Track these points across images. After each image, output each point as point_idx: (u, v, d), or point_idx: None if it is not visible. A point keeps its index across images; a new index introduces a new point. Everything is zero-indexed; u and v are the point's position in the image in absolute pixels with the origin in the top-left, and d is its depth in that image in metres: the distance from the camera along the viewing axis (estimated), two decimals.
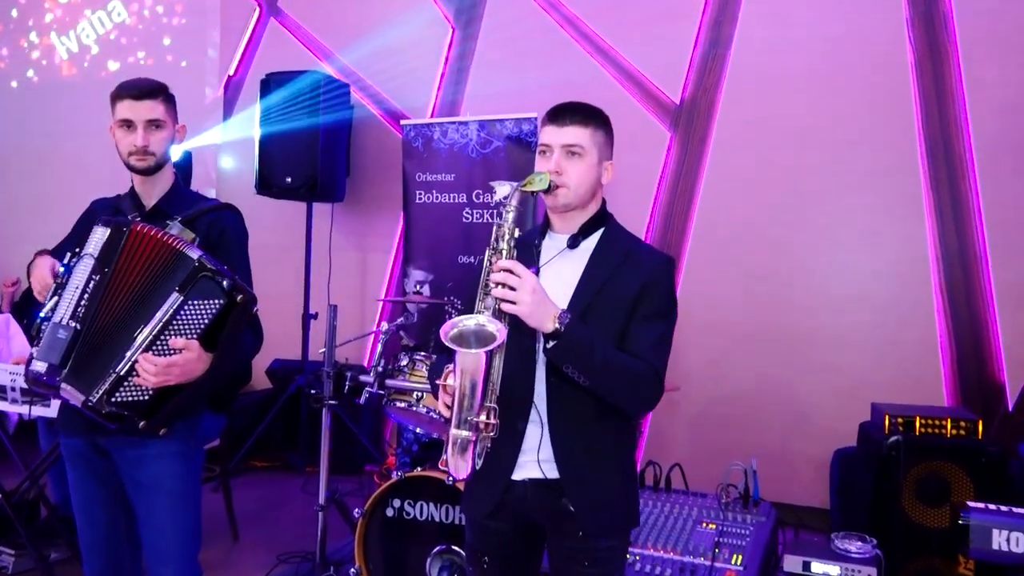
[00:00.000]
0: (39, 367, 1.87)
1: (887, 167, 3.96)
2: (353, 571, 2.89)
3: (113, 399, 1.86)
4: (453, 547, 2.76)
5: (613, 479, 1.76)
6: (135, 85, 2.08)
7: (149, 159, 2.07)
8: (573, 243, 1.77)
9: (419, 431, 3.33)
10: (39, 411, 3.02)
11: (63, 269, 1.94)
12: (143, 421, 1.90)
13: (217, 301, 1.89)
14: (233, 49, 5.55)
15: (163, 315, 1.86)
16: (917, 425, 3.20)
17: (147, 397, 1.89)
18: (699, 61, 4.32)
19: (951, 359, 3.87)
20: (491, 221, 1.70)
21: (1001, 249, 3.79)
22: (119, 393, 1.87)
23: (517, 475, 1.74)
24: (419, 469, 2.90)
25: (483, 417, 1.56)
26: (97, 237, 1.92)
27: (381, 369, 3.07)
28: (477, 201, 4.28)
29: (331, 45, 5.22)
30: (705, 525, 2.79)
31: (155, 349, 1.86)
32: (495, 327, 1.55)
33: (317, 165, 4.63)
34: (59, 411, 2.14)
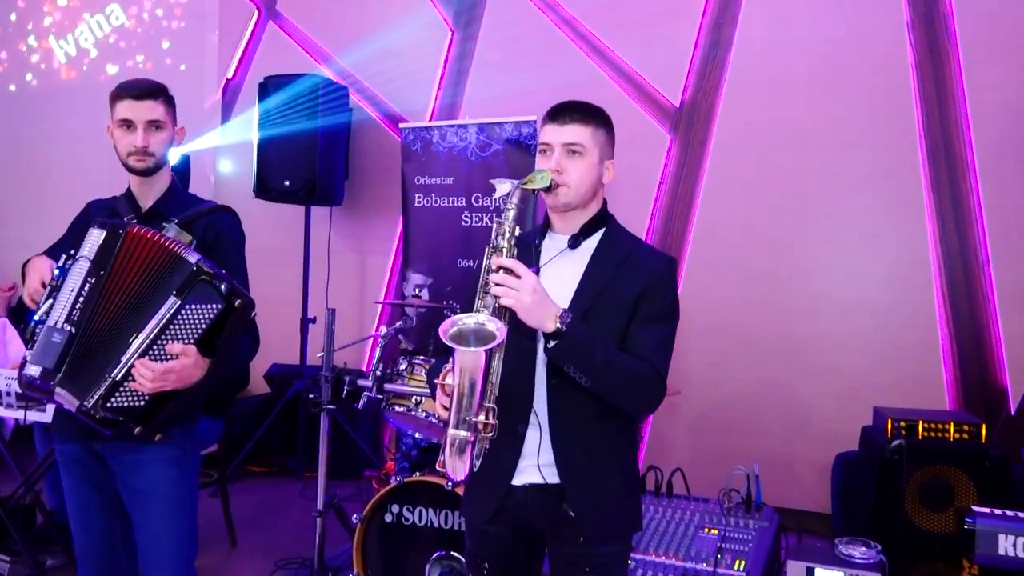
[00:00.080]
0: (33, 371, 1.84)
1: (888, 169, 3.94)
2: None
3: (108, 404, 1.84)
4: (452, 553, 2.74)
5: (614, 483, 1.74)
6: (136, 85, 2.06)
7: (148, 160, 2.05)
8: (574, 243, 1.75)
9: (418, 436, 3.31)
10: (35, 416, 2.99)
11: (58, 271, 1.91)
12: (139, 427, 1.87)
13: (215, 306, 1.86)
14: (231, 52, 5.54)
15: (160, 319, 1.84)
16: (920, 429, 3.18)
17: (143, 403, 1.86)
18: (699, 63, 4.31)
19: (953, 362, 3.85)
20: (490, 224, 1.68)
21: (1002, 251, 3.78)
22: (114, 398, 1.84)
23: (517, 480, 1.72)
24: (418, 474, 2.88)
25: (482, 417, 1.54)
26: (93, 239, 1.90)
27: (380, 373, 3.05)
28: (476, 204, 4.26)
29: (330, 48, 5.21)
30: (707, 530, 2.76)
31: (151, 354, 1.83)
32: (495, 326, 1.53)
33: (315, 168, 4.62)
34: (53, 416, 2.12)
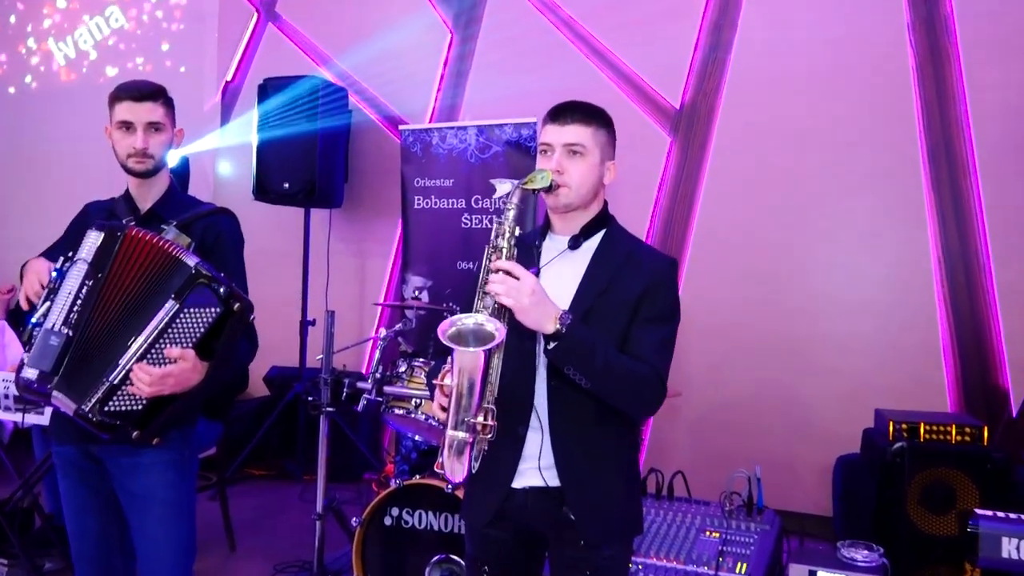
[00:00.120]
0: (30, 374, 1.83)
1: (888, 170, 3.93)
2: None
3: (106, 408, 1.82)
4: (452, 556, 2.73)
5: (615, 486, 1.73)
6: (135, 86, 2.05)
7: (148, 162, 2.04)
8: (574, 244, 1.74)
9: (418, 438, 3.30)
10: (33, 419, 2.98)
11: (55, 274, 1.90)
12: (136, 431, 1.86)
13: (214, 309, 1.85)
14: (231, 54, 5.53)
15: (158, 323, 1.82)
16: (921, 431, 3.17)
17: (140, 407, 1.85)
18: (699, 65, 4.30)
19: (954, 364, 3.84)
20: (490, 226, 1.67)
21: (1003, 251, 3.77)
22: (112, 402, 1.83)
23: (517, 483, 1.71)
24: (418, 477, 2.87)
25: (480, 418, 1.53)
26: (91, 241, 1.88)
27: (379, 376, 3.04)
28: (476, 206, 4.25)
29: (329, 50, 5.21)
30: (709, 533, 2.75)
31: (150, 358, 1.82)
32: (494, 326, 1.52)
33: (315, 170, 4.61)
34: (51, 419, 2.10)
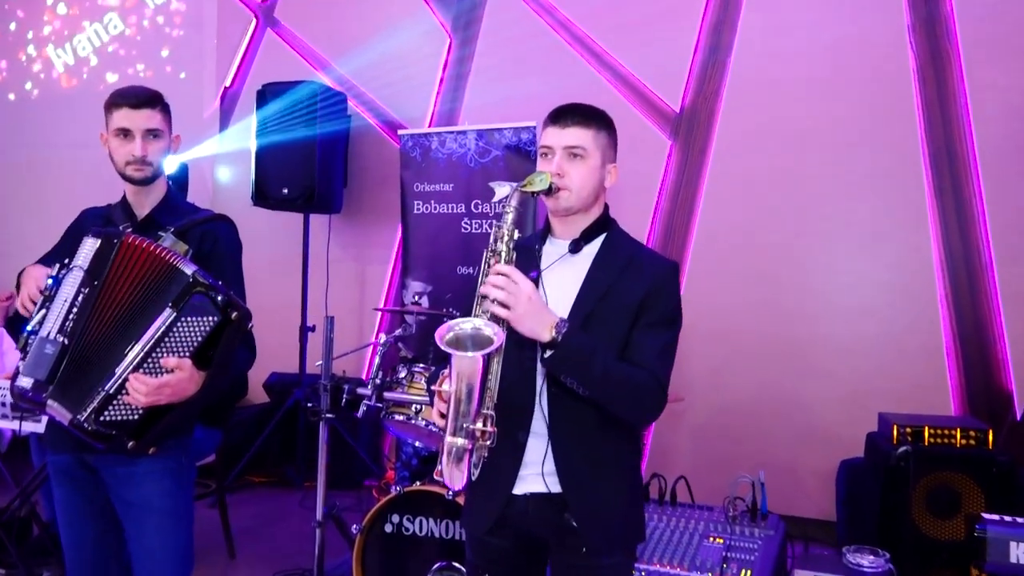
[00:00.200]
0: (25, 383, 1.82)
1: (890, 173, 3.92)
2: None
3: (101, 418, 1.80)
4: (454, 564, 2.70)
5: (618, 492, 1.71)
6: (132, 93, 2.04)
7: (147, 169, 2.03)
8: (575, 248, 1.73)
9: (418, 445, 3.28)
10: (30, 427, 2.96)
11: (51, 281, 1.88)
12: (132, 441, 1.84)
13: (211, 318, 1.83)
14: (230, 60, 5.53)
15: (155, 332, 1.81)
16: (926, 435, 3.14)
17: (136, 416, 1.83)
18: (699, 68, 4.28)
19: (957, 367, 3.81)
20: (490, 231, 1.65)
21: (1006, 254, 3.74)
22: (108, 412, 1.81)
23: (518, 489, 1.69)
24: (418, 483, 2.84)
25: (480, 424, 1.51)
26: (87, 248, 1.87)
27: (379, 381, 3.02)
28: (476, 211, 4.24)
29: (328, 55, 5.20)
30: (712, 539, 2.72)
31: (146, 367, 1.80)
32: (492, 330, 1.50)
33: (314, 176, 4.59)
34: (46, 427, 2.09)
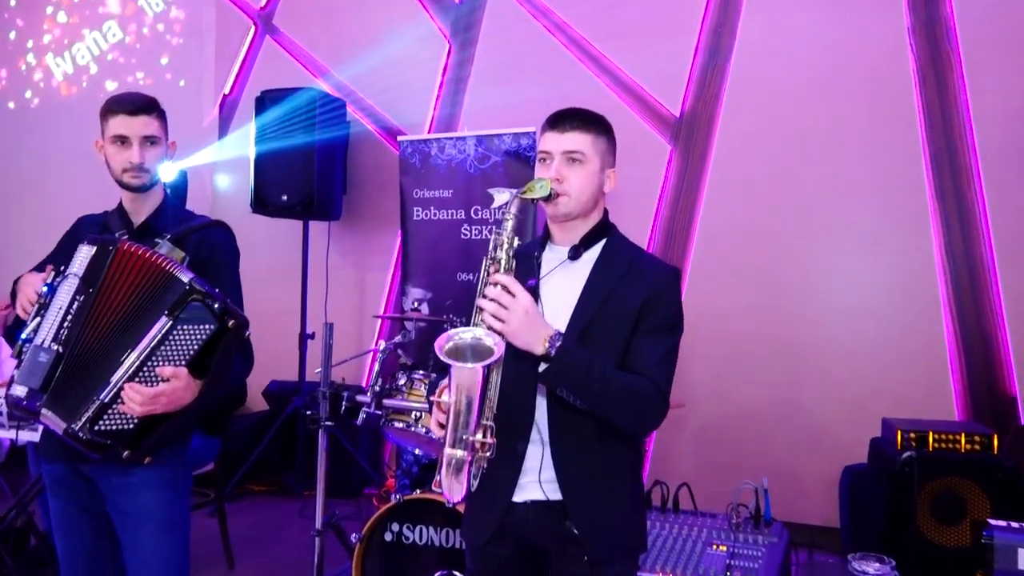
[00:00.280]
0: (19, 391, 1.79)
1: (891, 176, 3.90)
2: None
3: (96, 427, 1.78)
4: (454, 572, 2.68)
5: (619, 500, 1.69)
6: (129, 100, 2.02)
7: (144, 176, 2.01)
8: (574, 254, 1.71)
9: (418, 452, 3.25)
10: (27, 436, 2.93)
11: (46, 288, 1.86)
12: (127, 451, 1.82)
13: (208, 326, 1.81)
14: (229, 68, 5.52)
15: (151, 340, 1.79)
16: (930, 440, 3.12)
17: (132, 426, 1.81)
18: (698, 73, 4.28)
19: (960, 371, 3.79)
20: (490, 237, 1.63)
21: (1008, 257, 3.73)
22: (102, 421, 1.79)
23: (518, 497, 1.67)
24: (418, 491, 2.82)
25: (479, 436, 1.49)
26: (82, 256, 1.85)
27: (378, 388, 2.99)
28: (475, 217, 4.22)
29: (327, 62, 5.19)
30: (716, 547, 2.70)
31: (141, 376, 1.78)
32: (493, 340, 1.48)
33: (313, 183, 4.58)
34: (41, 436, 2.06)
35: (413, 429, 2.93)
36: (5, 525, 3.22)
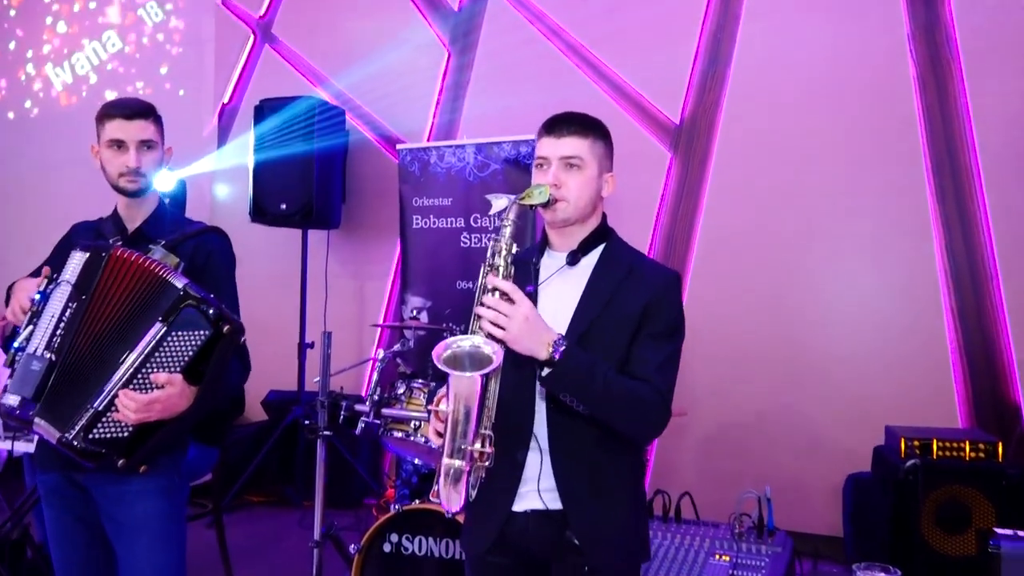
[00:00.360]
0: (11, 400, 1.77)
1: (892, 181, 3.89)
2: None
3: (90, 436, 1.76)
4: None
5: (620, 509, 1.67)
6: (126, 104, 2.02)
7: (140, 181, 2.00)
8: (572, 260, 1.69)
9: (418, 462, 3.22)
10: (22, 447, 2.91)
11: (39, 296, 1.85)
12: (122, 459, 1.80)
13: (202, 332, 1.80)
14: (228, 77, 5.52)
15: (145, 347, 1.77)
16: (934, 448, 3.09)
17: (126, 434, 1.79)
18: (698, 79, 4.27)
19: (964, 378, 3.77)
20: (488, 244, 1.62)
21: (1011, 263, 3.71)
22: (97, 430, 1.77)
23: (517, 506, 1.65)
24: (417, 502, 2.79)
25: (477, 445, 1.47)
26: (75, 262, 1.84)
27: (377, 398, 2.97)
28: (475, 225, 4.21)
29: (325, 70, 5.19)
30: (718, 557, 2.68)
31: (136, 383, 1.77)
32: (491, 349, 1.46)
33: (312, 191, 4.57)
34: (36, 446, 2.04)
35: (412, 439, 2.90)
36: (1, 537, 3.20)
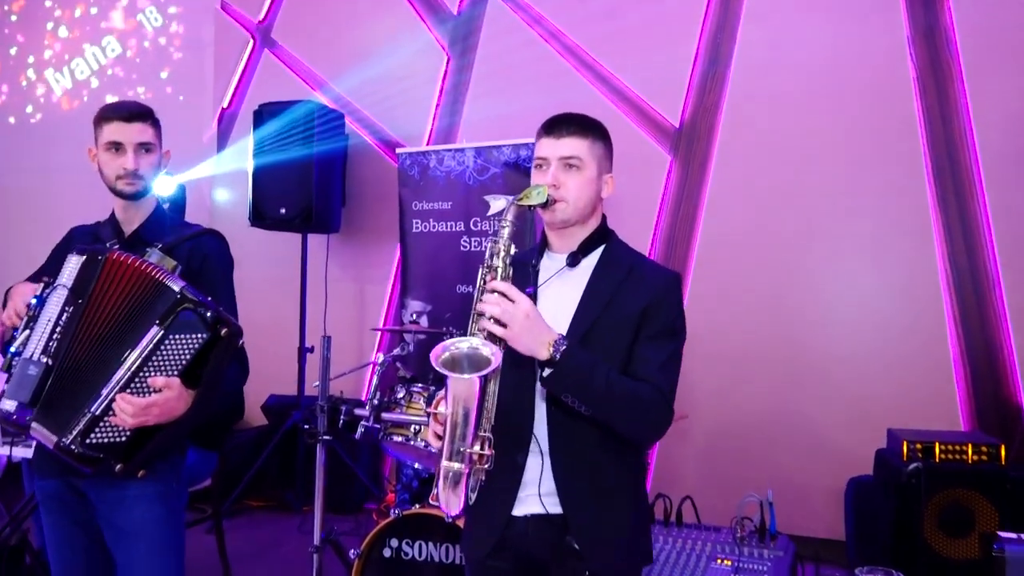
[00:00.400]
0: (8, 405, 1.76)
1: (893, 183, 3.88)
2: None
3: (88, 440, 1.75)
4: None
5: (621, 513, 1.66)
6: (124, 107, 2.01)
7: (138, 183, 2.00)
8: (572, 261, 1.68)
9: (418, 466, 3.21)
10: (21, 452, 2.90)
11: (35, 300, 1.84)
12: (120, 464, 1.79)
13: (200, 335, 1.79)
14: (227, 81, 5.53)
15: (142, 350, 1.76)
16: (937, 451, 3.08)
17: (124, 438, 1.78)
18: (698, 82, 4.26)
19: (965, 380, 3.75)
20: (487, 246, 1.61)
21: (1012, 265, 3.70)
22: (94, 434, 1.76)
23: (517, 510, 1.64)
24: (417, 506, 2.78)
25: (476, 448, 1.46)
26: (71, 266, 1.83)
27: (377, 402, 2.96)
28: (475, 229, 4.20)
29: (325, 75, 5.19)
30: (720, 561, 2.65)
31: (133, 387, 1.76)
32: (490, 350, 1.45)
33: (311, 195, 4.56)
34: (34, 451, 2.03)
35: (412, 443, 2.89)
36: None
